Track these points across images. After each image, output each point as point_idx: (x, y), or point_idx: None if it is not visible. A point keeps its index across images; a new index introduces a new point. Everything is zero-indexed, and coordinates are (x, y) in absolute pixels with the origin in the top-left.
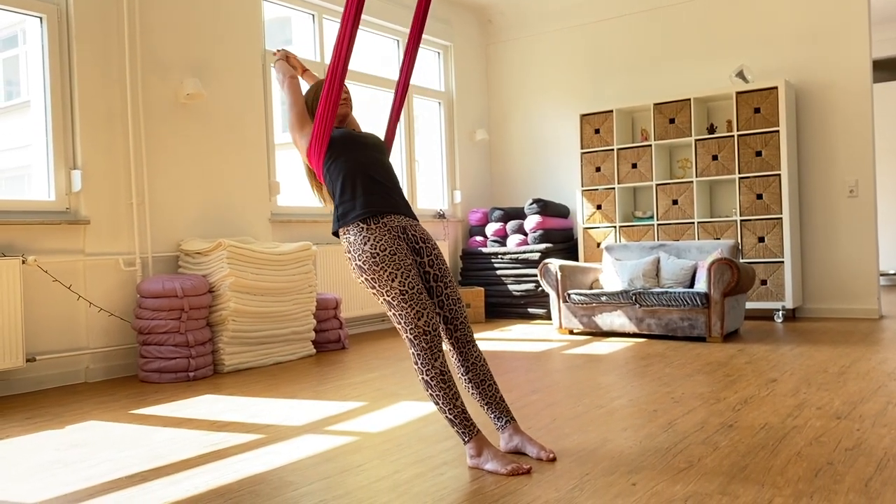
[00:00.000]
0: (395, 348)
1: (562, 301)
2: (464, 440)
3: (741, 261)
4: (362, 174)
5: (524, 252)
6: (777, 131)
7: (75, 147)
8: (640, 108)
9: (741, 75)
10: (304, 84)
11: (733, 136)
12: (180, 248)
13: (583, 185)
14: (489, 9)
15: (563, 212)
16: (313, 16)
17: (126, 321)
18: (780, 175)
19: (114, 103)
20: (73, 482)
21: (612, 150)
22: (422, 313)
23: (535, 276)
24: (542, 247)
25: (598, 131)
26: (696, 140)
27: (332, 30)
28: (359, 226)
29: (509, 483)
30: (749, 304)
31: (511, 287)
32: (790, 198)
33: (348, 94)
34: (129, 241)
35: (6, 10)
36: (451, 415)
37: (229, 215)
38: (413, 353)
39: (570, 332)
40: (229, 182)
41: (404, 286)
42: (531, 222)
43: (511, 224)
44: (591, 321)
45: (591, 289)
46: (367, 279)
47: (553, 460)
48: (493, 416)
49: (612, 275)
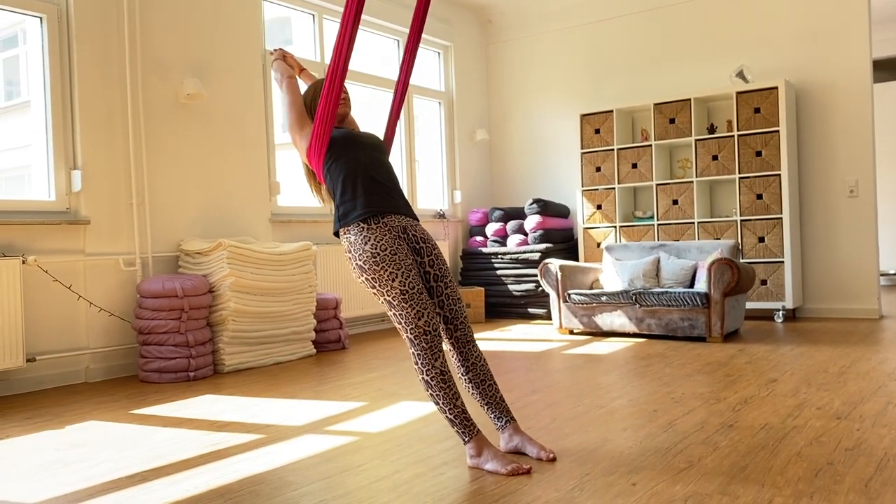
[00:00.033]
0: (396, 348)
1: (562, 301)
2: (464, 440)
3: (741, 261)
4: (363, 174)
5: (524, 252)
6: (777, 131)
7: (75, 147)
8: (640, 108)
9: (741, 75)
10: (302, 84)
11: (733, 136)
12: (180, 248)
13: (583, 185)
14: (489, 9)
15: (563, 212)
16: (313, 16)
17: (126, 321)
18: (780, 175)
19: (114, 103)
20: (73, 482)
21: (613, 150)
22: (422, 313)
23: (536, 276)
24: (543, 247)
25: (598, 131)
26: (697, 140)
27: (332, 30)
28: (359, 226)
29: (509, 483)
30: (749, 304)
31: (511, 287)
32: (790, 198)
33: (347, 93)
34: (129, 241)
35: (6, 10)
36: (451, 415)
37: (229, 215)
38: (413, 353)
39: (571, 332)
40: (229, 182)
41: (405, 286)
42: (531, 222)
43: (511, 224)
44: (591, 321)
45: (591, 289)
46: (367, 279)
47: (553, 460)
48: (493, 416)
49: (613, 275)
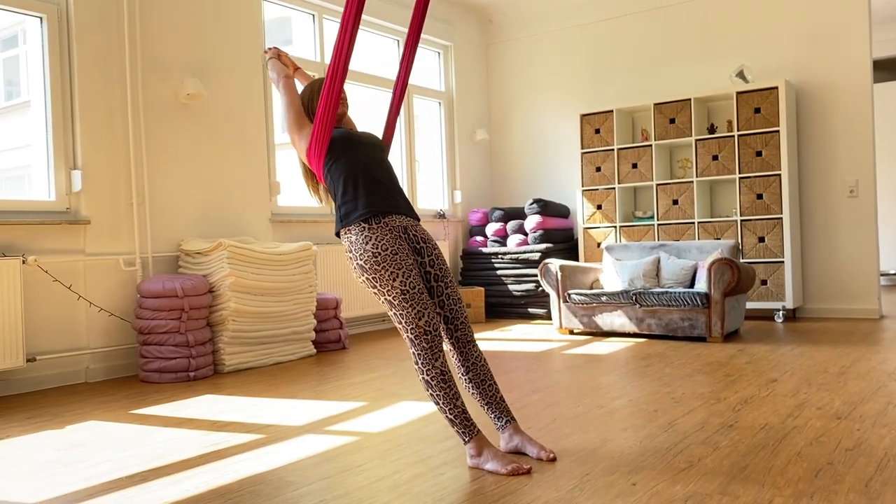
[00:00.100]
0: (396, 348)
1: (562, 301)
2: (464, 440)
3: (741, 261)
4: (364, 174)
5: (524, 252)
6: (777, 131)
7: (75, 147)
8: (640, 108)
9: (741, 75)
10: (298, 84)
11: (733, 136)
12: (180, 248)
13: (583, 185)
14: (489, 9)
15: (563, 212)
16: (313, 16)
17: (126, 321)
18: (780, 175)
19: (114, 103)
20: (73, 482)
21: (613, 150)
22: (422, 313)
23: (536, 276)
24: (543, 247)
25: (598, 131)
26: (697, 140)
27: (332, 30)
28: (360, 225)
29: (509, 483)
30: (749, 304)
31: (511, 287)
32: (790, 198)
33: (344, 93)
34: (129, 241)
35: (6, 10)
36: (451, 415)
37: (229, 215)
38: (413, 353)
39: (571, 332)
40: (229, 182)
41: (405, 286)
42: (531, 222)
43: (511, 224)
44: (591, 321)
45: (591, 289)
46: (368, 279)
47: (553, 460)
48: (493, 416)
49: (613, 275)
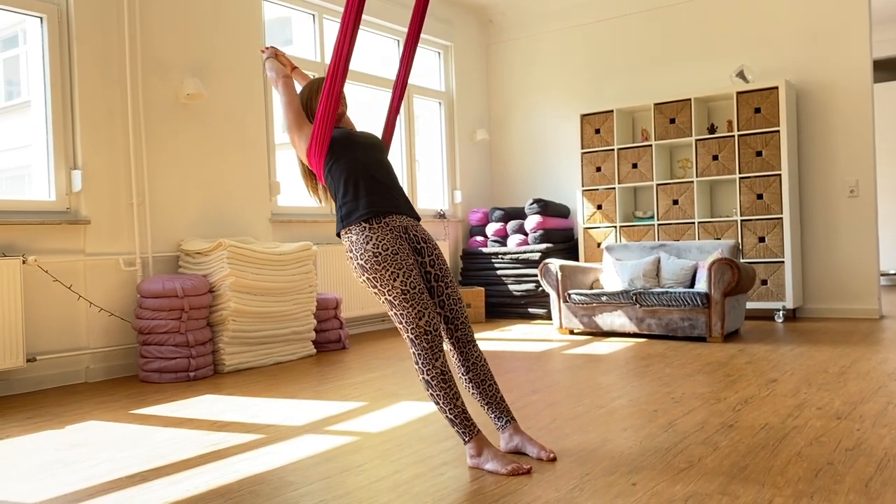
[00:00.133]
0: (396, 348)
1: (562, 301)
2: (464, 440)
3: (741, 261)
4: (364, 174)
5: (524, 252)
6: (777, 131)
7: (76, 147)
8: (640, 108)
9: (741, 75)
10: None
11: (734, 136)
12: (181, 248)
13: (583, 185)
14: (490, 9)
15: (563, 212)
16: (313, 16)
17: (126, 321)
18: (780, 175)
19: (114, 103)
20: (73, 482)
21: (613, 150)
22: (423, 313)
23: (536, 276)
24: (543, 247)
25: (598, 131)
26: (697, 140)
27: (333, 30)
28: (361, 225)
29: (509, 483)
30: (749, 304)
31: (511, 287)
32: (790, 198)
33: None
34: (129, 241)
35: (6, 10)
36: (451, 415)
37: (229, 215)
38: (414, 353)
39: (571, 332)
40: (229, 182)
41: (406, 286)
42: (531, 222)
43: (511, 224)
44: (591, 321)
45: (591, 289)
46: (368, 278)
47: (553, 460)
48: (493, 416)
49: (613, 275)
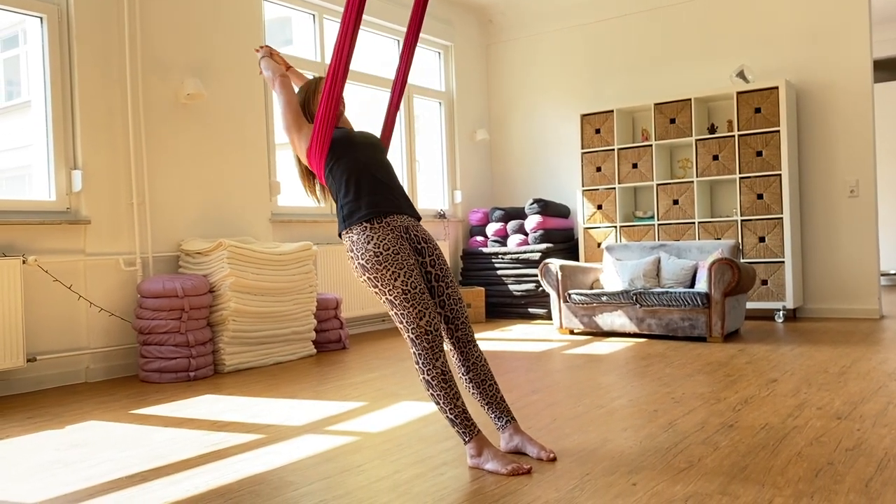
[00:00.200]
0: (396, 348)
1: (562, 301)
2: (464, 440)
3: (742, 261)
4: (365, 175)
5: (525, 252)
6: (777, 131)
7: (76, 147)
8: (640, 108)
9: (741, 75)
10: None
11: (734, 136)
12: (181, 248)
13: (583, 185)
14: (490, 9)
15: (563, 212)
16: (314, 16)
17: (126, 321)
18: (780, 175)
19: (114, 103)
20: (73, 482)
21: (613, 150)
22: (424, 313)
23: (536, 276)
24: (543, 247)
25: (598, 131)
26: (697, 140)
27: (333, 30)
28: (362, 225)
29: (509, 483)
30: (750, 304)
31: (511, 287)
32: (791, 198)
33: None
34: (129, 241)
35: (6, 10)
36: (451, 415)
37: (230, 215)
38: (414, 353)
39: (571, 332)
40: (230, 182)
41: (407, 286)
42: (532, 222)
43: (511, 224)
44: (591, 321)
45: (591, 289)
46: (369, 278)
47: (553, 460)
48: (493, 416)
49: (613, 275)
